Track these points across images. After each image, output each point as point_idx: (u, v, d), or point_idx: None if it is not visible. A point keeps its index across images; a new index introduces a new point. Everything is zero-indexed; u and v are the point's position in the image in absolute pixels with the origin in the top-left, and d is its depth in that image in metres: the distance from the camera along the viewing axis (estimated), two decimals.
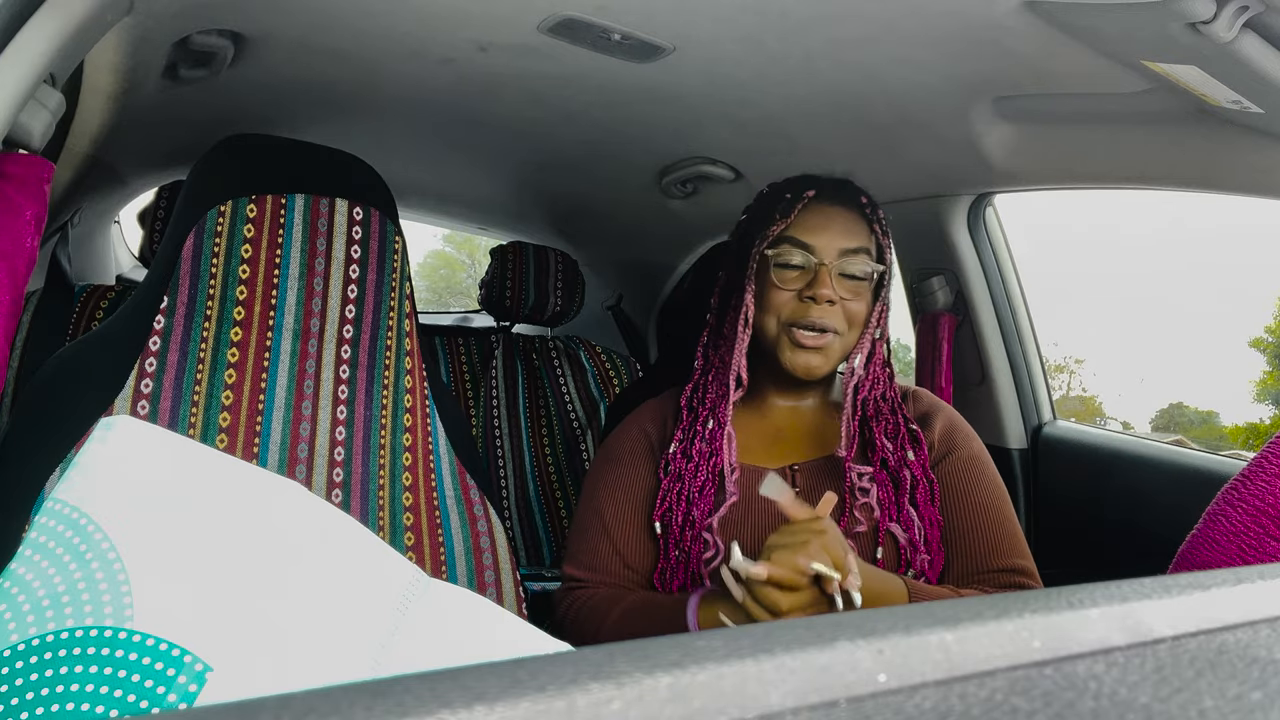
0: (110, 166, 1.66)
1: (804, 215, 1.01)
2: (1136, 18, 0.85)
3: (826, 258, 0.98)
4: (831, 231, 0.99)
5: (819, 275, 0.98)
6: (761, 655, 0.23)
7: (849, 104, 1.28)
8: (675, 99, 1.34)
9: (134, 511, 0.44)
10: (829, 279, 0.98)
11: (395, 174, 1.23)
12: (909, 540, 0.97)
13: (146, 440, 0.47)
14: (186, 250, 0.95)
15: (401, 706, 0.20)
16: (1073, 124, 1.21)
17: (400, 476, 1.03)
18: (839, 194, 1.03)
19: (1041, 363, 1.68)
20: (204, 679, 0.40)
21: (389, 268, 1.04)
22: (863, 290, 1.00)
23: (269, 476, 0.47)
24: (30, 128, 0.76)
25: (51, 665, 0.40)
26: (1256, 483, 0.77)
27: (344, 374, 1.01)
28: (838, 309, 0.99)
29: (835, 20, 1.03)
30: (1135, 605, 0.30)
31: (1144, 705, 0.24)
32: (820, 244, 0.99)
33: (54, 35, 0.72)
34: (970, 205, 1.58)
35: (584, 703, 0.21)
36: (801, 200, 1.01)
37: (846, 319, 1.00)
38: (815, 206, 1.01)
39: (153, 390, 0.93)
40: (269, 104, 1.47)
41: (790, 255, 1.00)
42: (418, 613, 0.44)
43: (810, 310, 0.98)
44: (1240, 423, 16.67)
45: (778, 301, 1.00)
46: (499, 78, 1.31)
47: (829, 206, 1.02)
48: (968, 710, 0.23)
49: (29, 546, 0.44)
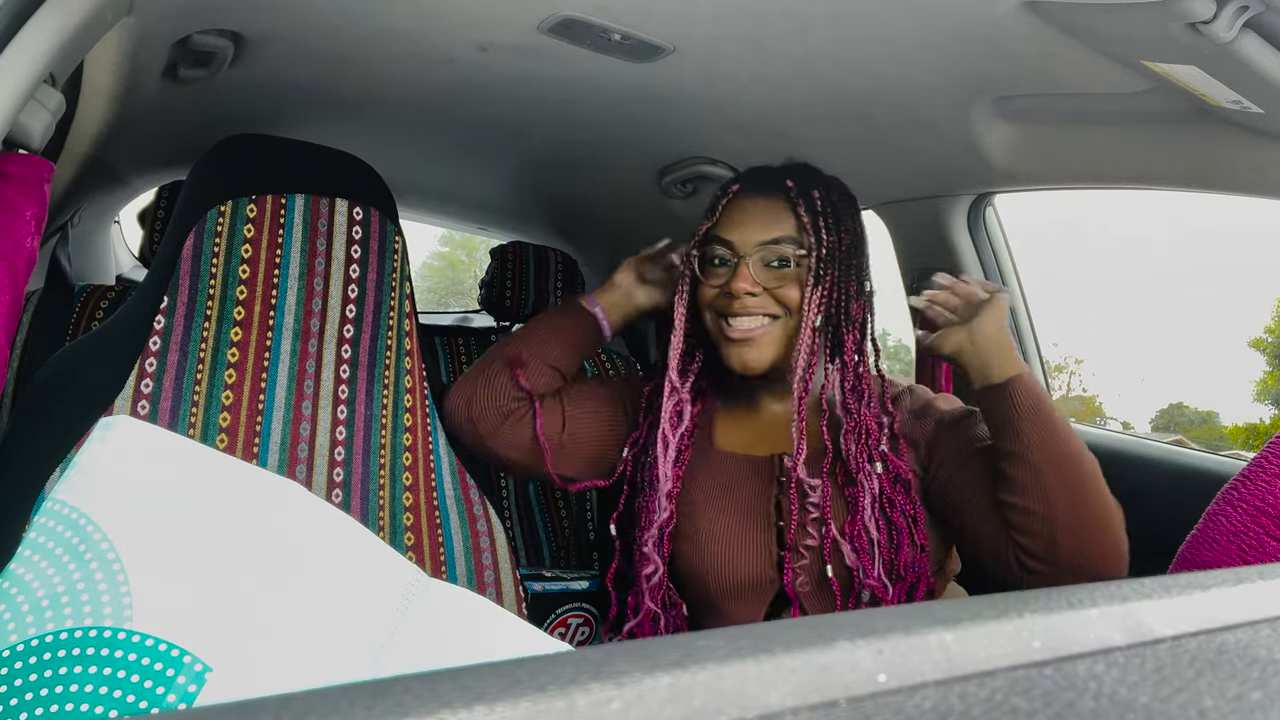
0: (110, 166, 1.66)
1: (727, 212, 1.02)
2: (1136, 18, 0.85)
3: (744, 251, 0.99)
4: (750, 225, 1.00)
5: (737, 270, 0.99)
6: (761, 655, 0.23)
7: (849, 104, 1.28)
8: (675, 99, 1.34)
9: (133, 512, 0.44)
10: (747, 271, 0.98)
11: (395, 174, 1.23)
12: (857, 559, 0.94)
13: (146, 440, 0.47)
14: (186, 250, 0.95)
15: (401, 706, 0.20)
16: (1073, 124, 1.21)
17: (400, 476, 1.03)
18: (761, 185, 1.03)
19: (1041, 363, 1.68)
20: (203, 679, 0.40)
21: (389, 268, 1.04)
22: (789, 276, 0.99)
23: (269, 477, 0.47)
24: (30, 128, 0.76)
25: (51, 666, 0.40)
26: (1256, 483, 0.77)
27: (344, 374, 1.01)
28: (763, 298, 0.99)
29: (835, 20, 1.03)
30: (1135, 605, 0.30)
31: (1144, 705, 0.24)
32: (739, 238, 1.00)
33: (54, 35, 0.72)
34: (970, 205, 1.58)
35: (584, 703, 0.21)
36: (726, 196, 1.03)
37: (781, 305, 0.99)
38: (737, 202, 1.02)
39: (153, 390, 0.93)
40: (269, 104, 1.47)
41: (716, 252, 1.02)
42: (418, 613, 0.44)
43: (732, 304, 0.99)
44: (1240, 423, 16.67)
45: (707, 297, 1.02)
46: (499, 78, 1.31)
47: (750, 199, 1.02)
48: (968, 710, 0.23)
49: (28, 547, 0.44)
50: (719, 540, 0.99)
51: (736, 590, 0.98)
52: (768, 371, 1.00)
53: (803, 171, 1.05)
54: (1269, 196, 1.10)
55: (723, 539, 0.99)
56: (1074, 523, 0.86)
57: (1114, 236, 35.41)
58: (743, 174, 1.08)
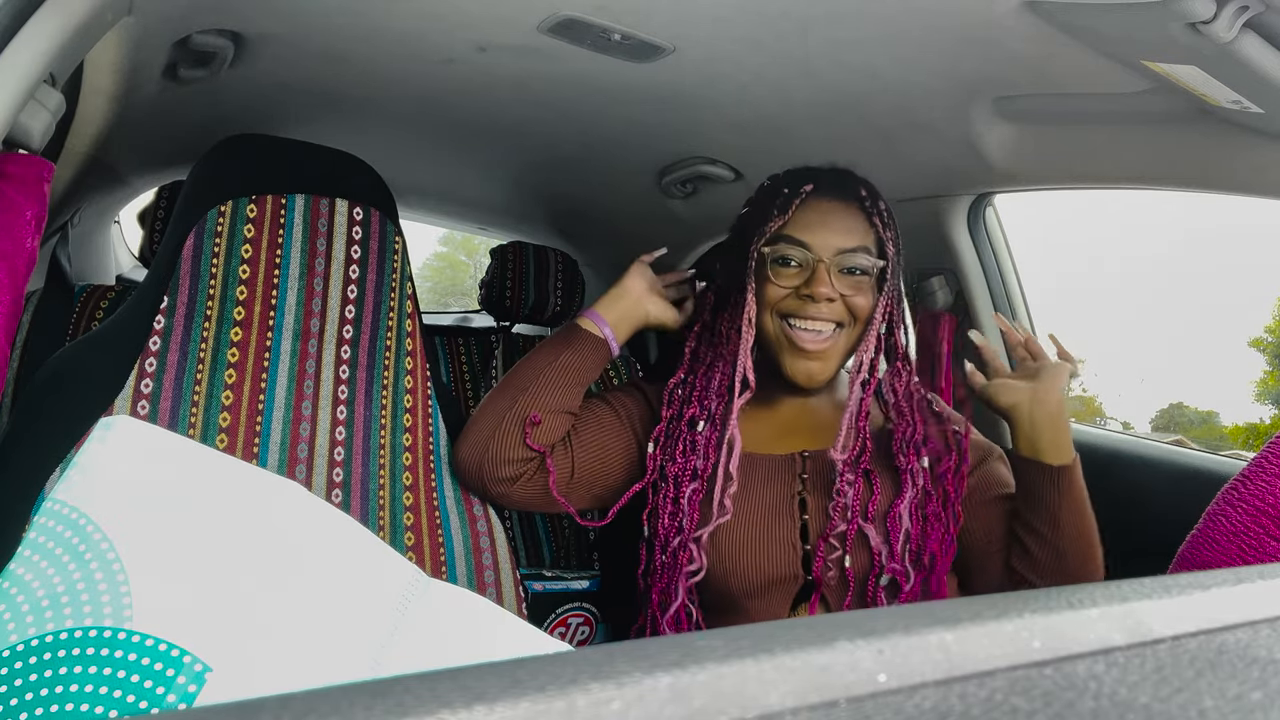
0: (110, 166, 1.66)
1: (801, 212, 0.99)
2: (1136, 18, 0.85)
3: (824, 255, 0.97)
4: (829, 229, 0.98)
5: (816, 273, 0.97)
6: (761, 655, 0.23)
7: (849, 104, 1.28)
8: (675, 99, 1.34)
9: (133, 512, 0.44)
10: (827, 276, 0.96)
11: (395, 174, 1.23)
12: (884, 543, 0.95)
13: (146, 440, 0.47)
14: (186, 250, 0.95)
15: (401, 706, 0.20)
16: (1073, 124, 1.21)
17: (400, 476, 1.03)
18: (837, 188, 1.02)
19: None
20: (203, 679, 0.40)
21: (389, 268, 1.04)
22: (864, 285, 0.99)
23: (269, 477, 0.47)
24: (30, 128, 0.76)
25: (51, 666, 0.40)
26: (1256, 483, 0.77)
27: (344, 374, 1.01)
28: (838, 305, 0.98)
29: (835, 20, 1.03)
30: (1135, 605, 0.30)
31: (1144, 705, 0.24)
32: (817, 242, 0.98)
33: (54, 35, 0.72)
34: (970, 205, 1.58)
35: (584, 703, 0.21)
36: (799, 196, 1.00)
37: (851, 313, 0.98)
38: (812, 202, 1.00)
39: (153, 390, 0.93)
40: (269, 104, 1.47)
41: (787, 253, 0.99)
42: (417, 613, 0.44)
43: (807, 307, 0.97)
44: (1240, 422, 16.67)
45: (774, 298, 0.99)
46: (499, 78, 1.31)
47: (826, 202, 1.00)
48: (968, 710, 0.23)
49: (28, 547, 0.44)
50: (742, 541, 0.97)
51: (760, 589, 0.97)
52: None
53: (864, 180, 1.04)
54: (1269, 196, 1.10)
55: (746, 539, 0.97)
56: (1073, 576, 0.94)
57: (1114, 236, 35.42)
58: (812, 172, 1.05)
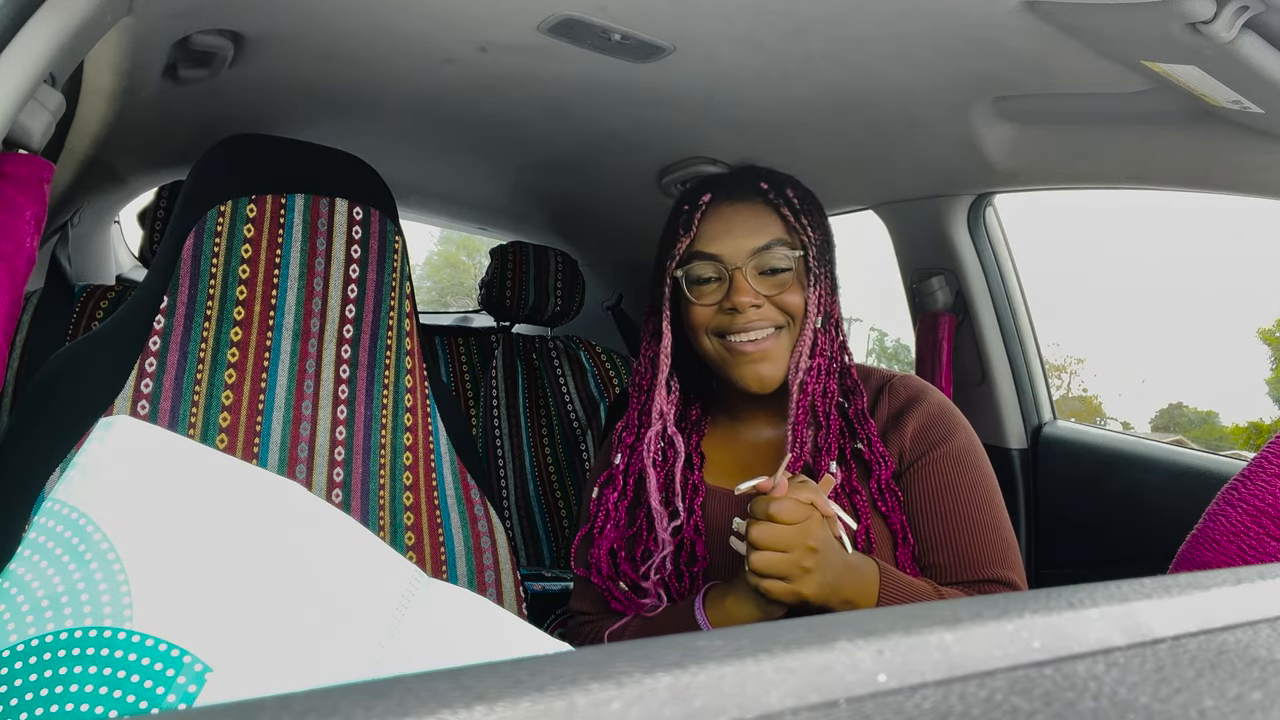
0: (110, 166, 1.66)
1: (706, 224, 0.96)
2: (1136, 18, 0.85)
3: (737, 261, 0.93)
4: (734, 234, 0.94)
5: (734, 282, 0.93)
6: (761, 655, 0.23)
7: (849, 104, 1.28)
8: (675, 99, 1.34)
9: (133, 512, 0.44)
10: (745, 283, 0.92)
11: (395, 174, 1.23)
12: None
13: (146, 440, 0.47)
14: (186, 250, 0.95)
15: (401, 706, 0.20)
16: (1073, 124, 1.21)
17: (401, 476, 1.03)
18: (736, 189, 0.97)
19: (1041, 363, 1.68)
20: (203, 679, 0.40)
21: (389, 268, 1.04)
22: (788, 281, 0.94)
23: (269, 477, 0.47)
24: (30, 128, 0.76)
25: (51, 666, 0.40)
26: (1256, 483, 0.77)
27: (344, 374, 1.01)
28: (767, 309, 0.93)
29: (835, 20, 1.03)
30: (1135, 605, 0.30)
31: (1144, 705, 0.24)
32: (727, 250, 0.94)
33: (54, 35, 0.72)
34: (970, 205, 1.58)
35: (584, 703, 0.21)
36: (699, 209, 0.96)
37: (784, 313, 0.94)
38: (714, 211, 0.96)
39: (153, 390, 0.93)
40: (269, 104, 1.47)
41: (700, 270, 0.95)
42: (418, 613, 0.44)
43: (736, 320, 0.93)
44: (1241, 422, 16.67)
45: (703, 319, 0.95)
46: (499, 78, 1.31)
47: (728, 206, 0.96)
48: (968, 710, 0.23)
49: (28, 547, 0.44)
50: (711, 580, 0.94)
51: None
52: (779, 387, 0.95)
53: (766, 172, 1.00)
54: (1269, 196, 1.10)
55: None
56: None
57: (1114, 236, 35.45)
58: (706, 182, 1.00)
